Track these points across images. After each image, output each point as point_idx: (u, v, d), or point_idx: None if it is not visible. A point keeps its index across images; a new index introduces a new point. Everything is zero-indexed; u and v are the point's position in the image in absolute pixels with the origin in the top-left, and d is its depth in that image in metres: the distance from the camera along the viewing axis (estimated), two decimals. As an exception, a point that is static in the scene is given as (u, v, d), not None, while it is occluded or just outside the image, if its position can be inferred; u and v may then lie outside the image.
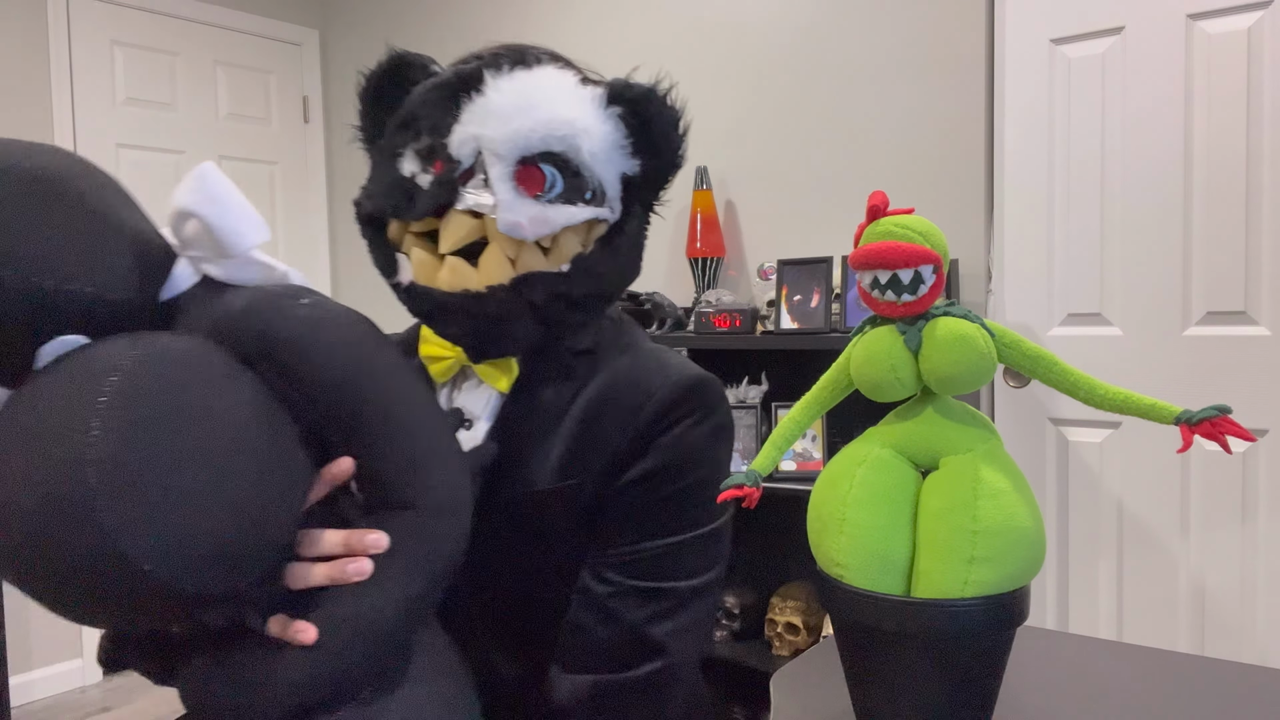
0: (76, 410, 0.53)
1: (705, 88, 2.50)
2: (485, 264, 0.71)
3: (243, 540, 0.57)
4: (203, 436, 0.55)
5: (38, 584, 0.54)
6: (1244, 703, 0.71)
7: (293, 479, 0.61)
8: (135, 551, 0.52)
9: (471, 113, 0.72)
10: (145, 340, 0.59)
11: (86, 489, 0.51)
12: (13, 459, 0.54)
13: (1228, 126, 1.64)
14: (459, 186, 0.71)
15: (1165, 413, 0.57)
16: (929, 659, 0.59)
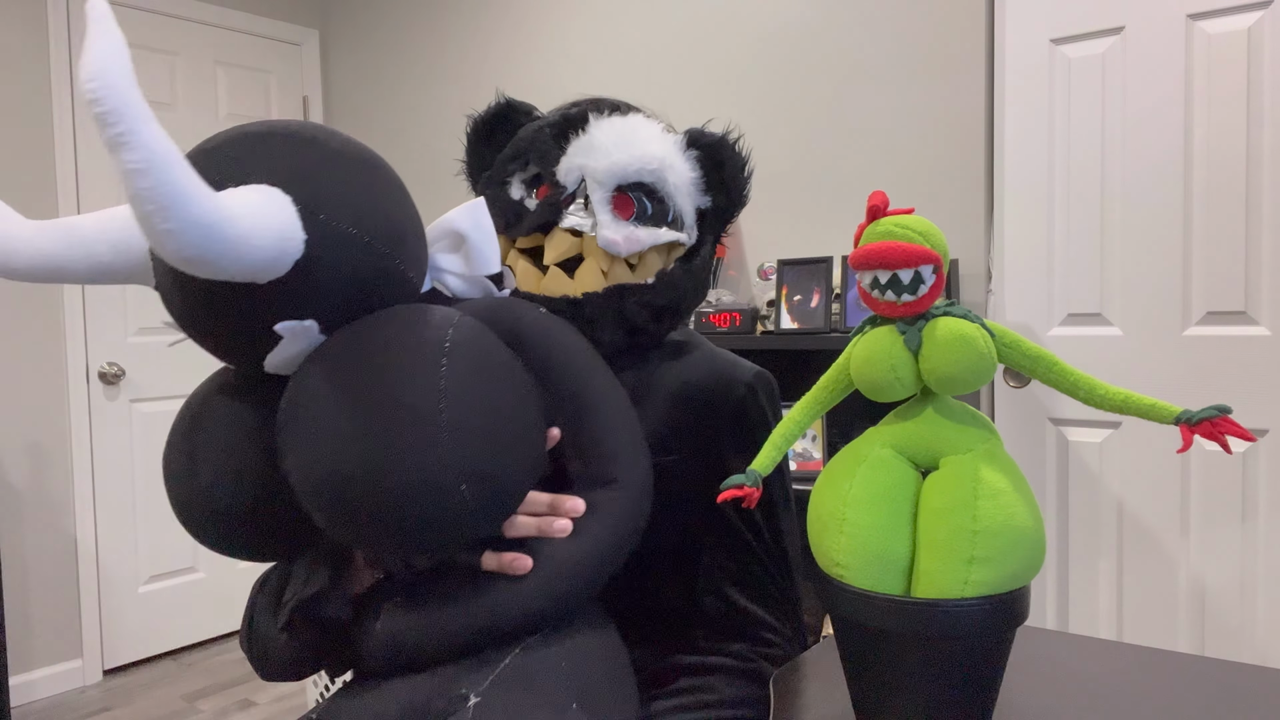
0: (429, 353, 0.64)
1: (705, 87, 2.51)
2: (582, 275, 0.84)
3: (525, 481, 0.69)
4: (514, 388, 0.68)
5: (358, 504, 0.62)
6: (1244, 703, 0.71)
7: (544, 439, 0.72)
8: (460, 475, 0.62)
9: (577, 147, 0.87)
10: (455, 308, 0.72)
11: (437, 415, 0.62)
12: (363, 389, 0.63)
13: (1228, 126, 1.64)
14: (563, 209, 0.85)
15: (1165, 413, 0.58)
16: (929, 659, 0.59)
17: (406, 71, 3.28)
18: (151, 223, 0.55)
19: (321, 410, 0.65)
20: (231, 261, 0.60)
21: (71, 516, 2.83)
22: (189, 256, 0.57)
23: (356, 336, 0.67)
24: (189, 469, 0.74)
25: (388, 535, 0.65)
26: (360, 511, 0.64)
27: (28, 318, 2.75)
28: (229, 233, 0.58)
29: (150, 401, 3.02)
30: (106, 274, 0.70)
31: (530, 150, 0.89)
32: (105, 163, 2.90)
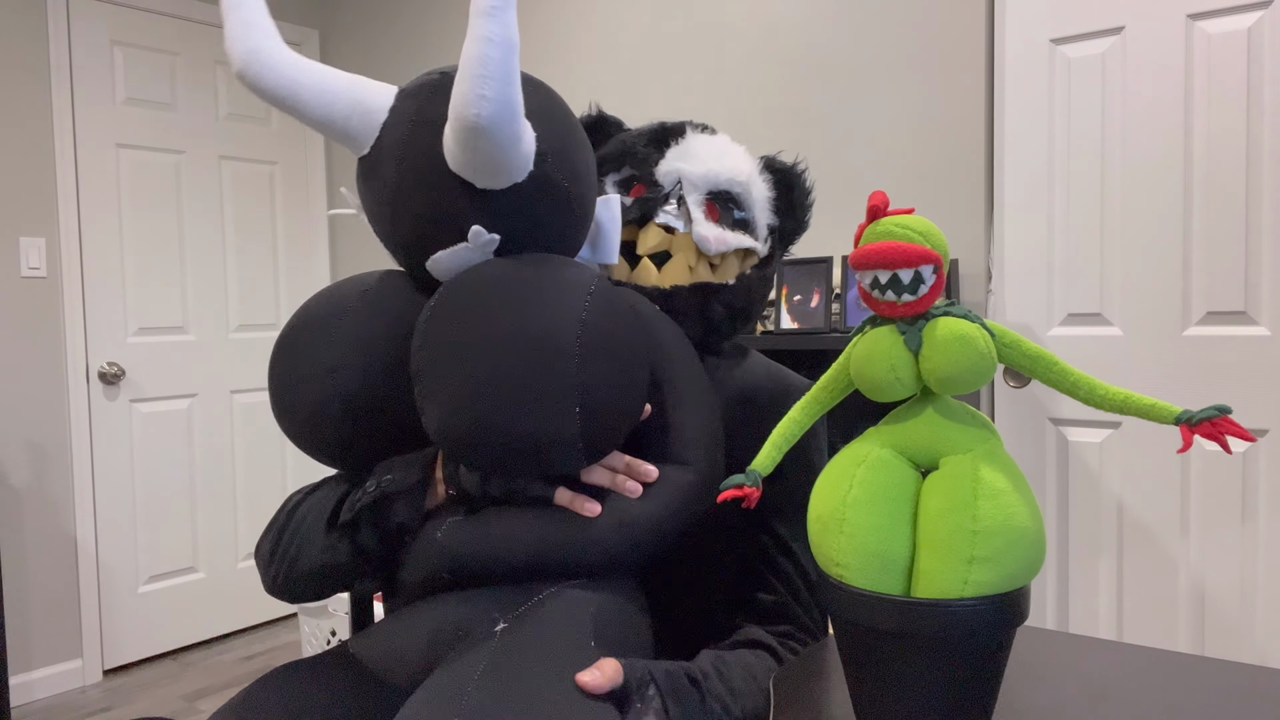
0: (577, 288, 0.73)
1: (705, 87, 2.51)
2: (670, 269, 0.93)
3: (622, 427, 0.75)
4: (635, 346, 0.75)
5: (490, 400, 0.69)
6: (1244, 703, 0.71)
7: (644, 400, 0.79)
8: (576, 397, 0.69)
9: (675, 153, 0.95)
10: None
11: (573, 340, 0.70)
12: (507, 309, 0.71)
13: (1228, 126, 1.64)
14: (659, 205, 0.93)
15: (1165, 413, 0.58)
16: (929, 659, 0.59)
17: (406, 71, 3.28)
18: (479, 85, 0.66)
19: (463, 329, 0.71)
20: (504, 151, 0.70)
21: (71, 516, 2.83)
22: (484, 126, 0.67)
23: (514, 264, 0.75)
24: (322, 347, 0.80)
25: (496, 440, 0.70)
26: (480, 421, 0.70)
27: (28, 318, 2.75)
28: (516, 128, 0.69)
29: (150, 401, 3.02)
30: (332, 125, 0.78)
31: (627, 154, 0.97)
32: (105, 163, 2.91)
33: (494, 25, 0.66)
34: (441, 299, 0.75)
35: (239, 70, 0.75)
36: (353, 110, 0.78)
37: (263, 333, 3.35)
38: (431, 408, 0.73)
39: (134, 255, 2.98)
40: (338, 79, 0.78)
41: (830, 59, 2.28)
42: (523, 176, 0.75)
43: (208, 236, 3.18)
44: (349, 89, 0.78)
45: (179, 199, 3.10)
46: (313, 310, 0.84)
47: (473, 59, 0.66)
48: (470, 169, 0.73)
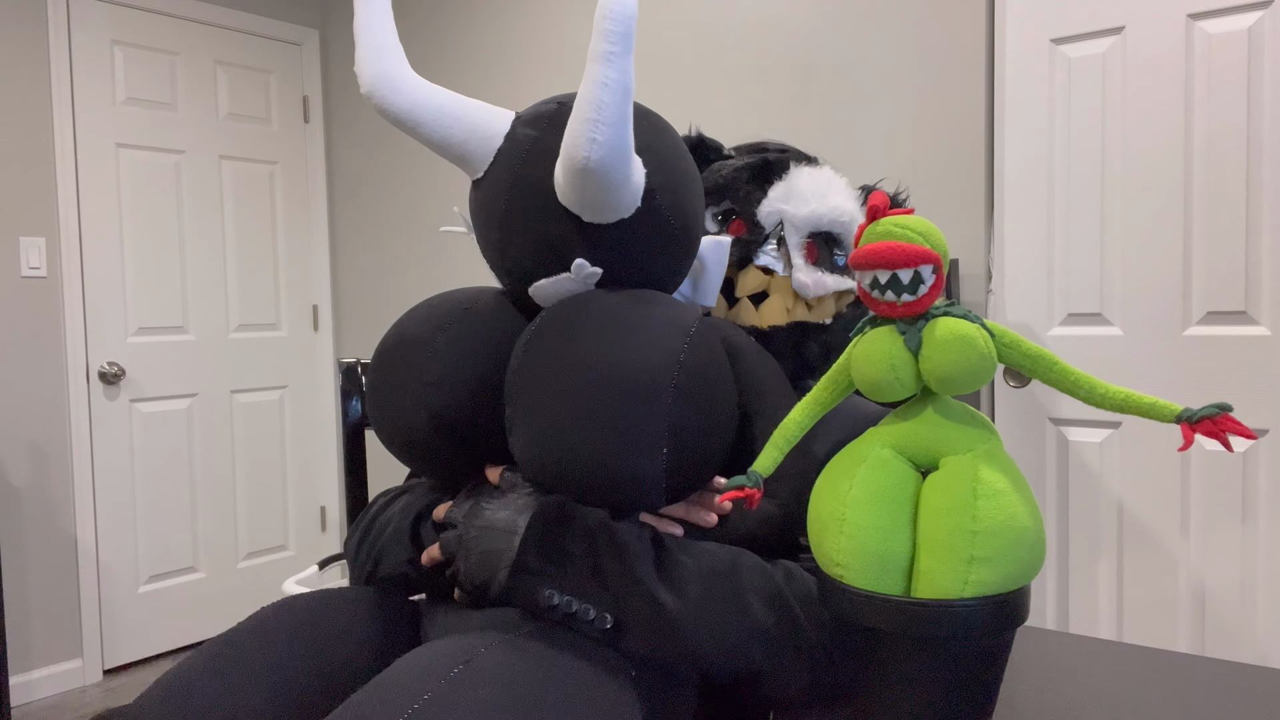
0: (677, 328, 0.74)
1: (705, 87, 2.51)
2: (769, 309, 0.93)
3: (706, 472, 0.75)
4: (727, 391, 0.76)
5: (579, 431, 0.70)
6: (1244, 703, 0.71)
7: (730, 443, 0.79)
8: (667, 436, 0.70)
9: (778, 192, 0.94)
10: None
11: (670, 380, 0.71)
12: (606, 344, 0.72)
13: (1228, 126, 1.64)
14: (757, 249, 0.93)
15: (1166, 411, 0.57)
16: (929, 659, 0.59)
17: (406, 71, 3.27)
18: (590, 129, 0.68)
19: (560, 357, 0.73)
20: (612, 192, 0.73)
21: (71, 516, 2.83)
22: (594, 169, 0.70)
23: (617, 298, 0.76)
24: (418, 359, 0.82)
25: (579, 472, 0.71)
26: (568, 452, 0.71)
27: (28, 317, 2.75)
28: (625, 170, 0.72)
29: (150, 401, 3.02)
30: (449, 148, 0.81)
31: (729, 189, 0.97)
32: (105, 163, 2.91)
33: (611, 71, 0.68)
34: (542, 324, 0.77)
35: (367, 92, 0.80)
36: (470, 134, 0.81)
37: (263, 333, 3.35)
38: (520, 431, 0.74)
39: (134, 255, 2.98)
40: (457, 103, 0.81)
41: (830, 59, 2.28)
42: (630, 213, 0.77)
43: (208, 236, 3.18)
44: (467, 113, 0.81)
45: (179, 199, 3.10)
46: (414, 322, 0.86)
47: (587, 103, 0.68)
48: (578, 206, 0.75)
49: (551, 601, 0.71)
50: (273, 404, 3.38)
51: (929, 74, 2.11)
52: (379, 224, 3.39)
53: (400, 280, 3.34)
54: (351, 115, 3.47)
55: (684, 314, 0.77)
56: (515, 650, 0.66)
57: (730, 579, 0.71)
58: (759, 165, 0.97)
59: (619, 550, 0.70)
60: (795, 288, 0.92)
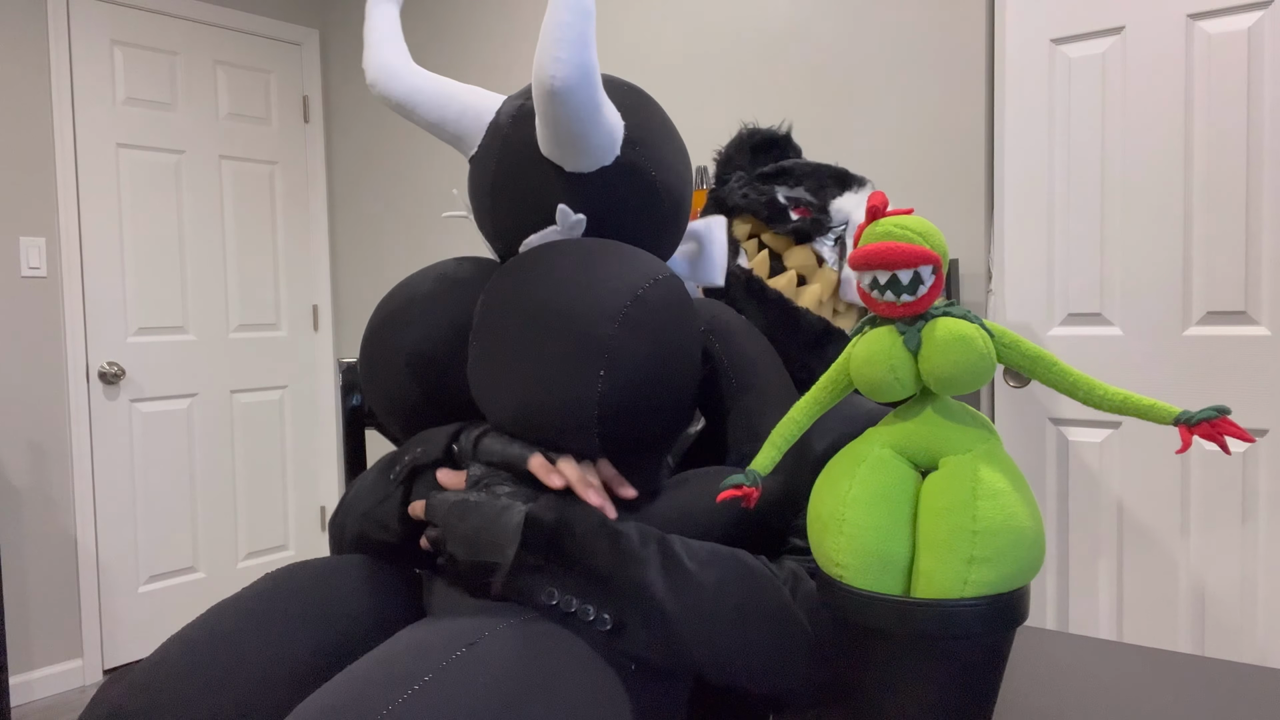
0: (644, 268, 0.74)
1: (704, 87, 2.51)
2: (808, 293, 0.97)
3: (648, 426, 0.74)
4: (690, 343, 0.75)
5: (520, 342, 0.71)
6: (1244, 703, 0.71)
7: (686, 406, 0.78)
8: (605, 360, 0.69)
9: (855, 196, 0.99)
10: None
11: (622, 307, 0.70)
12: (581, 274, 0.71)
13: (1228, 126, 1.64)
14: (820, 233, 0.97)
15: (1164, 413, 0.57)
16: (929, 659, 0.59)
17: (406, 71, 3.27)
18: (555, 49, 0.69)
19: (522, 285, 0.73)
20: (583, 120, 0.73)
21: (71, 516, 2.83)
22: (559, 88, 0.70)
23: (591, 241, 0.76)
24: (407, 307, 0.84)
25: (516, 389, 0.71)
26: (508, 369, 0.71)
27: (28, 318, 2.75)
28: (594, 94, 0.72)
29: (150, 401, 3.02)
30: (444, 126, 0.85)
31: (804, 177, 1.01)
32: (105, 163, 2.91)
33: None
34: (510, 264, 0.78)
35: (370, 81, 0.86)
36: (463, 112, 0.85)
37: (263, 333, 3.35)
38: (474, 361, 0.76)
39: (134, 255, 2.98)
40: (454, 87, 0.86)
41: (830, 59, 2.28)
42: (609, 159, 0.78)
43: (208, 236, 3.18)
44: (461, 94, 0.85)
45: (179, 199, 3.10)
46: (405, 283, 0.90)
47: (549, 26, 0.71)
48: (554, 143, 0.76)
49: (551, 601, 0.71)
50: (273, 404, 3.38)
51: (929, 74, 2.11)
52: (379, 224, 3.39)
53: (400, 280, 3.34)
54: (351, 115, 3.47)
55: (653, 265, 0.76)
56: (518, 638, 0.66)
57: (735, 590, 0.70)
58: (841, 171, 1.03)
59: (620, 553, 0.70)
60: (841, 279, 0.97)
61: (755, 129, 1.10)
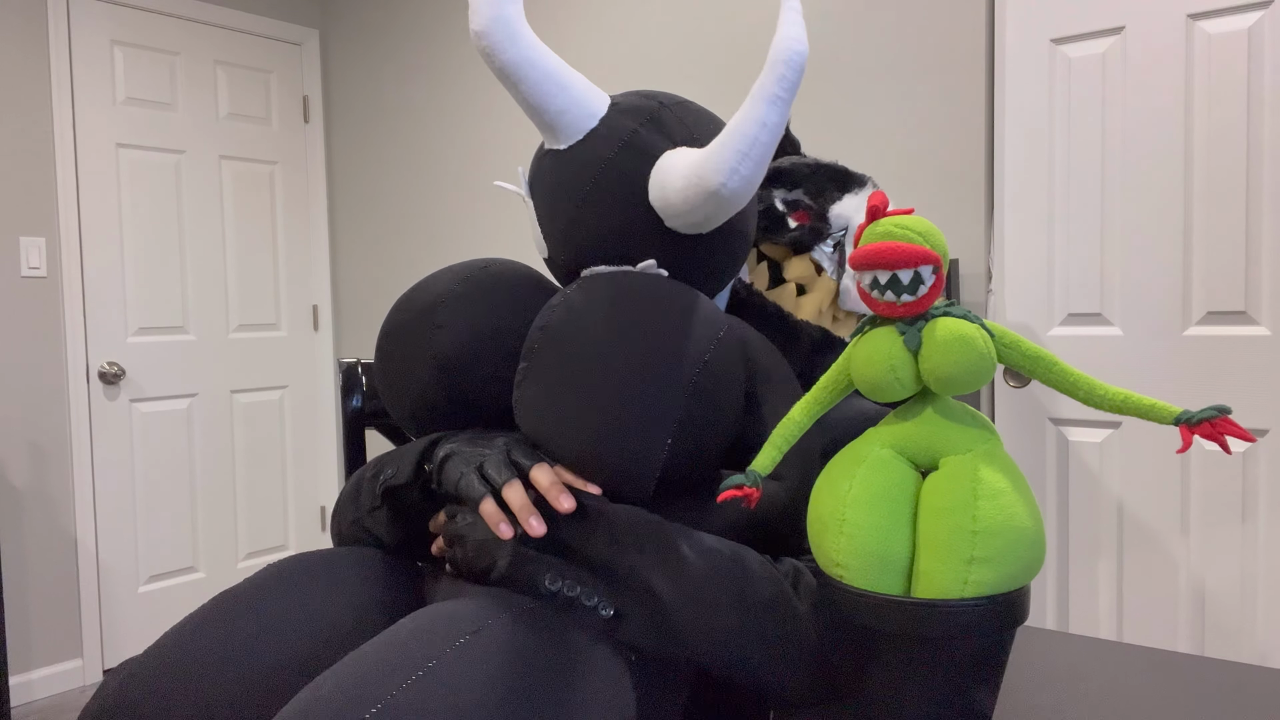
0: (710, 327, 0.75)
1: (705, 88, 2.51)
2: (807, 303, 0.96)
3: (696, 471, 0.75)
4: (740, 392, 0.76)
5: (597, 396, 0.71)
6: (1244, 703, 0.71)
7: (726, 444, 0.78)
8: (675, 431, 0.70)
9: (853, 202, 0.97)
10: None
11: (692, 375, 0.71)
12: (656, 325, 0.72)
13: (1228, 126, 1.64)
14: (818, 241, 0.96)
15: (1165, 413, 0.57)
16: (929, 659, 0.59)
17: (406, 71, 3.28)
18: (739, 160, 0.71)
19: (592, 326, 0.73)
20: (723, 217, 0.75)
21: (71, 516, 2.83)
22: (726, 197, 0.73)
23: (658, 284, 0.76)
24: (437, 307, 0.82)
25: (582, 442, 0.71)
26: (575, 419, 0.71)
27: (28, 317, 2.75)
28: (746, 203, 0.75)
29: (150, 401, 3.02)
30: (544, 113, 0.79)
31: (805, 181, 0.99)
32: (105, 163, 2.91)
33: (774, 114, 0.69)
34: (581, 290, 0.76)
35: (479, 32, 0.75)
36: (569, 106, 0.80)
37: (263, 333, 3.35)
38: (530, 387, 0.74)
39: (134, 255, 2.98)
40: (565, 71, 0.80)
41: (830, 59, 2.28)
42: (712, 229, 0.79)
43: (208, 236, 3.18)
44: (573, 83, 0.80)
45: (179, 199, 3.10)
46: (431, 281, 0.88)
47: (742, 136, 0.70)
48: (679, 218, 0.76)
49: (553, 587, 0.71)
50: (273, 404, 3.38)
51: (929, 74, 2.11)
52: (379, 224, 3.39)
53: (400, 280, 3.34)
54: (351, 115, 3.47)
55: (718, 314, 0.78)
56: (521, 627, 0.66)
57: (734, 581, 0.70)
58: (840, 171, 1.01)
59: (617, 542, 0.70)
60: (840, 290, 0.96)
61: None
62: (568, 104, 0.79)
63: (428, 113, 3.22)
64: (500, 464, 0.73)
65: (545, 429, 0.73)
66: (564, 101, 0.79)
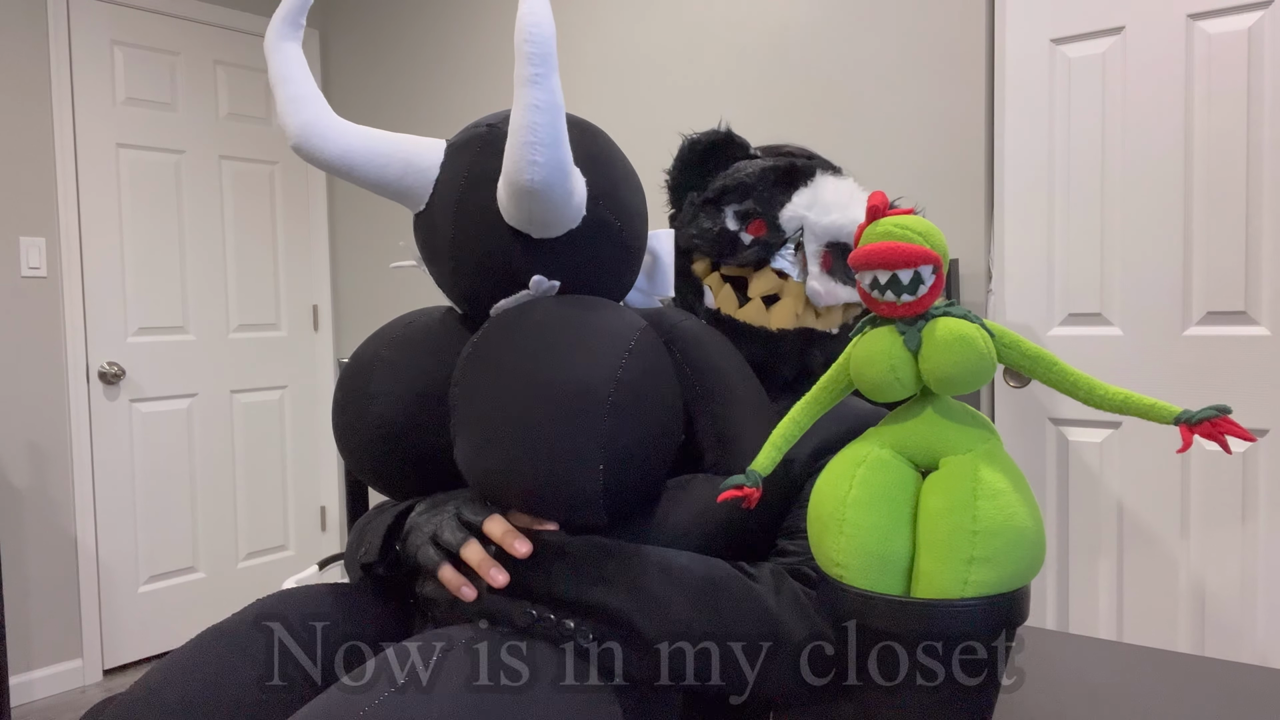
0: (618, 341, 0.74)
1: (705, 88, 2.51)
2: (778, 312, 0.93)
3: (647, 484, 0.75)
4: (670, 405, 0.77)
5: (518, 443, 0.70)
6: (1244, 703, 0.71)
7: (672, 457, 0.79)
8: (603, 455, 0.70)
9: (802, 199, 0.94)
10: (638, 313, 0.83)
11: (607, 396, 0.71)
12: (558, 352, 0.72)
13: (1228, 126, 1.64)
14: (776, 251, 0.93)
15: (1165, 413, 0.57)
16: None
17: (407, 71, 3.28)
18: (529, 151, 0.69)
19: (500, 369, 0.73)
20: (557, 208, 0.73)
21: (71, 516, 2.83)
22: (538, 189, 0.70)
23: (558, 309, 0.76)
24: (363, 377, 0.83)
25: (520, 483, 0.72)
26: (508, 462, 0.71)
27: (28, 317, 2.75)
28: (568, 186, 0.72)
29: (150, 401, 3.02)
30: (387, 186, 0.81)
31: (754, 189, 0.96)
32: (105, 163, 2.91)
33: (540, 93, 0.69)
34: (483, 335, 0.77)
35: (295, 143, 0.79)
36: (405, 170, 0.81)
37: (263, 333, 3.35)
38: (462, 441, 0.75)
39: (134, 255, 2.98)
40: (387, 140, 0.81)
41: (830, 59, 2.28)
42: (576, 224, 0.78)
43: (208, 236, 3.18)
44: (400, 148, 0.81)
45: (179, 199, 3.10)
46: (364, 345, 0.89)
47: (523, 126, 0.69)
48: (526, 224, 0.75)
49: (532, 618, 0.71)
50: (273, 404, 3.38)
51: (929, 74, 2.11)
52: (379, 224, 3.39)
53: (400, 280, 3.34)
54: (351, 115, 3.47)
55: (625, 325, 0.77)
56: (496, 645, 0.67)
57: (708, 601, 0.71)
58: (786, 169, 0.97)
59: (581, 574, 0.71)
60: (808, 294, 0.92)
61: (695, 140, 1.04)
62: (403, 168, 0.81)
63: (428, 112, 3.22)
64: (453, 528, 0.75)
65: (486, 480, 0.74)
66: (399, 167, 0.81)
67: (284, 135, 0.81)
